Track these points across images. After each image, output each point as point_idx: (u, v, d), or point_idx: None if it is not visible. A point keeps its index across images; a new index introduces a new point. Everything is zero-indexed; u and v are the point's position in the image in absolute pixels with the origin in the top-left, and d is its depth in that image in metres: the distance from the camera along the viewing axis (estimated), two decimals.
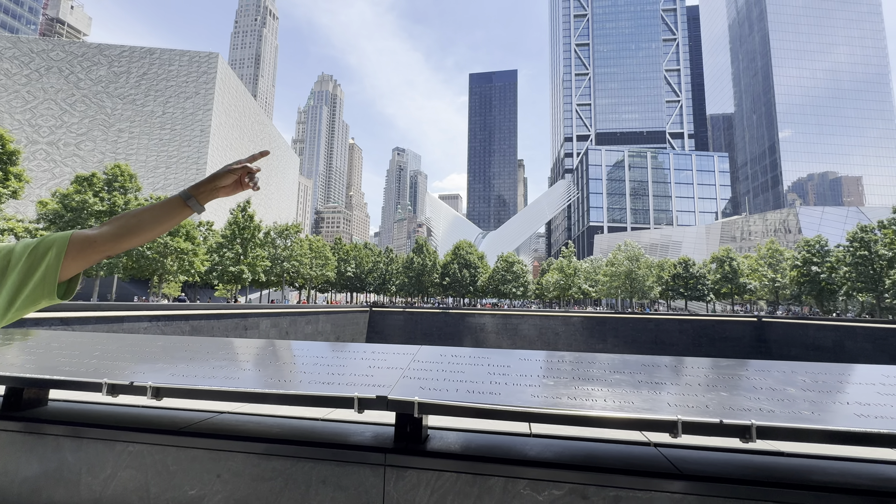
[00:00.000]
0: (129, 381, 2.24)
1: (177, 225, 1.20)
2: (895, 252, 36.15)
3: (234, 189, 1.26)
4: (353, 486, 2.07)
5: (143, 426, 2.39)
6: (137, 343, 3.21)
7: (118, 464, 2.29)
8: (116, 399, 2.85)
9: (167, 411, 2.83)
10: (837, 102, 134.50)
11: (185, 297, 42.82)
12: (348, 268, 60.54)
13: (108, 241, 1.05)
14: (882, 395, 2.10)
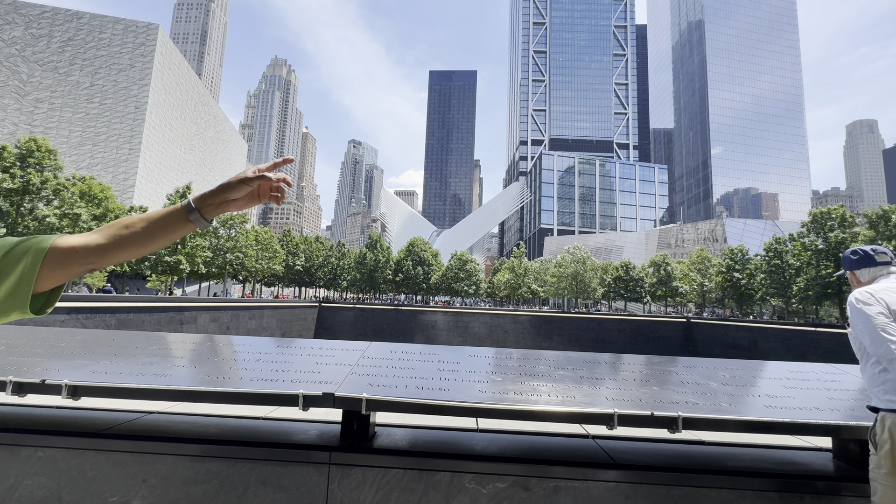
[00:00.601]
0: (40, 379, 2.01)
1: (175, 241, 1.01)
2: (802, 262, 40.68)
3: (249, 202, 1.07)
4: (294, 487, 2.00)
5: (56, 429, 2.16)
6: (52, 337, 2.89)
7: (24, 471, 2.05)
8: (24, 399, 2.55)
9: (86, 412, 2.58)
10: (760, 125, 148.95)
11: (111, 289, 39.15)
12: (297, 261, 58.32)
13: (94, 253, 0.92)
14: (786, 389, 2.35)
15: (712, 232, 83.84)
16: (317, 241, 65.25)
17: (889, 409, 1.73)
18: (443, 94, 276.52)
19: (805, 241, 40.40)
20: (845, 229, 38.16)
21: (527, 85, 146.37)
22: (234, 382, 2.11)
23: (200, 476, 2.02)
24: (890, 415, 1.73)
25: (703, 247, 65.74)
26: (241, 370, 2.36)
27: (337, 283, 62.69)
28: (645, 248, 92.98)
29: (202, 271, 40.56)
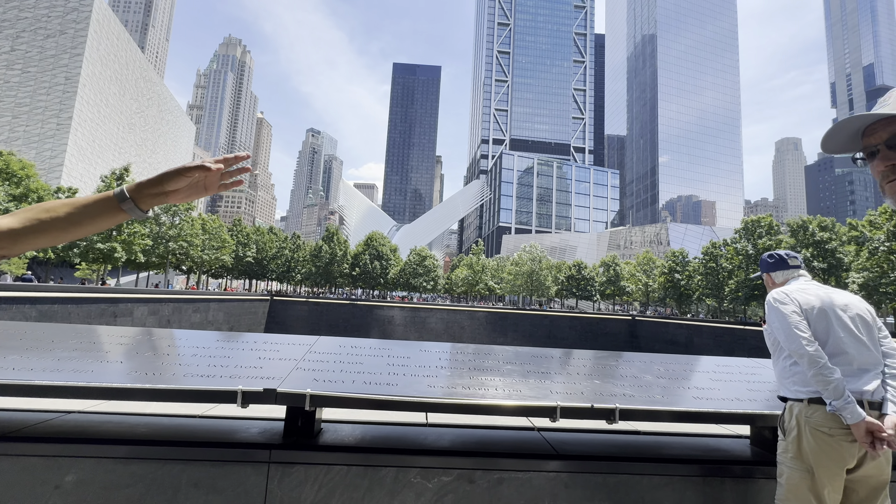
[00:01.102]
0: None
1: (105, 230, 0.90)
2: (734, 266, 44.29)
3: (193, 194, 0.99)
4: (230, 487, 1.91)
5: None
6: None
7: None
8: None
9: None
10: (703, 138, 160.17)
11: (32, 277, 35.48)
12: (248, 252, 55.68)
13: (6, 238, 0.83)
14: (712, 381, 2.54)
15: (657, 235, 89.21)
16: (270, 232, 62.63)
17: (797, 398, 1.89)
18: (406, 87, 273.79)
19: (737, 247, 43.98)
20: (771, 237, 41.94)
21: (490, 84, 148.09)
22: (165, 378, 1.97)
23: (123, 480, 1.87)
24: (797, 404, 1.89)
25: (649, 249, 69.84)
26: (174, 366, 2.21)
27: (291, 276, 60.58)
28: (596, 248, 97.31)
29: (140, 260, 37.76)
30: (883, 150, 0.85)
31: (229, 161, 1.01)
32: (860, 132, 0.89)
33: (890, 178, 0.85)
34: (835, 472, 1.80)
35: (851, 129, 0.88)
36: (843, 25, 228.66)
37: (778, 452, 1.95)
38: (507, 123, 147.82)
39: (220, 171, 1.00)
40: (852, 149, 0.91)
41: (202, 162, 0.98)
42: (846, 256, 36.51)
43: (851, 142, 0.89)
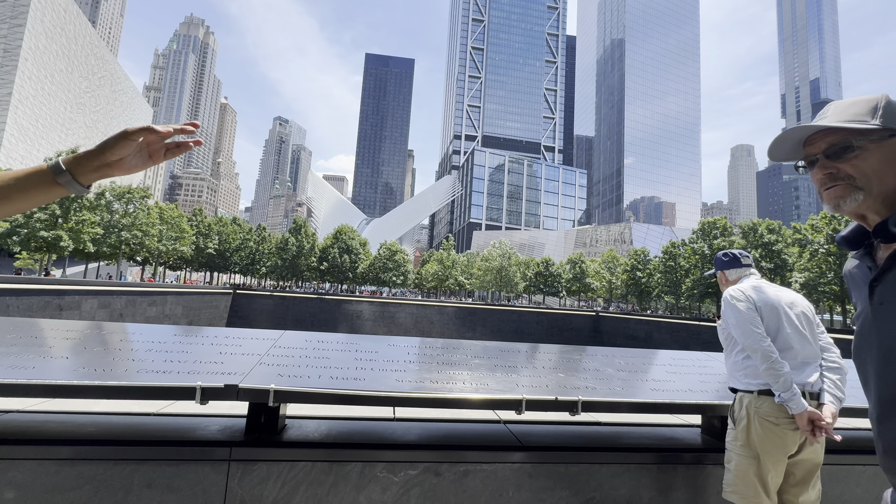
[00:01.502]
0: None
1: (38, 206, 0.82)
2: (691, 264, 46.61)
3: (138, 164, 0.90)
4: (187, 487, 1.83)
5: None
6: None
7: None
8: None
9: None
10: (665, 141, 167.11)
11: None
12: (210, 244, 53.35)
13: None
14: (669, 374, 2.67)
15: (621, 234, 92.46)
16: (234, 223, 60.24)
17: (748, 390, 2.02)
18: (379, 79, 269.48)
19: (694, 247, 46.25)
20: (725, 237, 44.38)
21: (463, 80, 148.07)
22: (117, 375, 1.87)
23: (69, 482, 1.76)
24: (747, 395, 2.02)
25: (613, 248, 72.30)
26: (127, 361, 2.10)
27: (255, 269, 58.60)
28: (564, 246, 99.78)
29: (90, 250, 35.44)
30: (821, 160, 0.92)
31: (179, 132, 0.94)
32: (802, 142, 0.95)
33: (827, 185, 0.91)
34: (778, 458, 1.94)
35: (795, 138, 0.94)
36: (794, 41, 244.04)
37: (727, 440, 2.07)
38: (479, 120, 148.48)
39: (167, 136, 0.91)
40: (795, 157, 0.98)
41: (149, 125, 0.89)
42: (790, 257, 39.16)
43: (795, 151, 0.96)
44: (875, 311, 0.87)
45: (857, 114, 0.88)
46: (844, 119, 0.88)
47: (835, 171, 0.90)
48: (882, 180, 0.86)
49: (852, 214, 0.92)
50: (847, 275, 1.02)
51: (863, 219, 0.92)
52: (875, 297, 0.87)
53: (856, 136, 0.87)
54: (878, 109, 0.86)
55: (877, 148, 0.86)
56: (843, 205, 0.90)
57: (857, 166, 0.87)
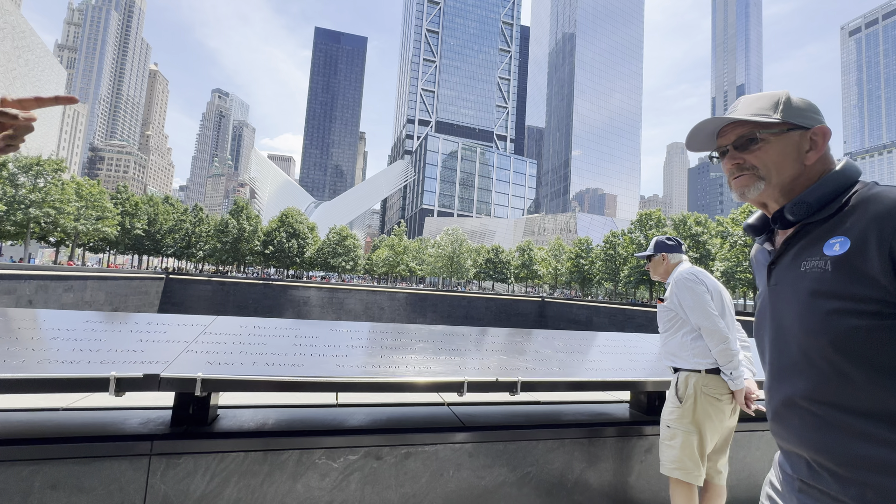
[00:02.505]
0: None
1: None
2: (629, 253, 49.82)
3: None
4: (100, 486, 1.68)
5: None
6: None
7: None
8: None
9: None
10: (609, 136, 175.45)
11: None
12: (137, 224, 48.89)
13: None
14: (603, 354, 2.83)
15: (567, 223, 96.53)
16: (166, 203, 55.56)
17: (695, 369, 2.10)
18: (329, 55, 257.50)
19: (632, 236, 49.36)
20: (659, 229, 47.74)
21: (418, 63, 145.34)
22: (11, 366, 1.65)
23: None
24: (694, 374, 2.10)
25: (559, 236, 75.36)
26: (26, 351, 1.86)
27: (191, 252, 54.66)
28: (513, 234, 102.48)
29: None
30: (731, 151, 0.98)
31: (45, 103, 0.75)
32: (715, 133, 1.02)
33: (735, 174, 0.98)
34: (718, 430, 2.09)
35: (708, 129, 1.00)
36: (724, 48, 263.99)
37: (669, 419, 2.14)
38: (433, 105, 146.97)
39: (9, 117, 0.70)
40: (710, 147, 1.05)
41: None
42: (713, 248, 43.01)
43: (709, 141, 1.03)
44: (771, 291, 0.94)
45: (761, 108, 0.94)
46: (751, 112, 0.94)
47: (741, 161, 0.96)
48: (780, 171, 0.92)
49: (756, 202, 0.98)
50: (752, 259, 1.10)
51: (764, 206, 0.99)
52: (771, 278, 0.95)
53: (759, 129, 0.93)
54: (780, 105, 0.93)
55: (777, 140, 0.92)
56: (747, 193, 0.96)
57: (760, 157, 0.93)
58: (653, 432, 2.51)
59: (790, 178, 0.93)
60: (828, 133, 0.92)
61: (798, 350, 0.85)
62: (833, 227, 0.84)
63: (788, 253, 0.91)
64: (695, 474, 2.03)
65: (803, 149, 0.92)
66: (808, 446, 0.84)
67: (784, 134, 0.92)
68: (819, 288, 0.82)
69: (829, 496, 0.80)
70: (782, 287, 0.91)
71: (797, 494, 0.88)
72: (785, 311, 0.89)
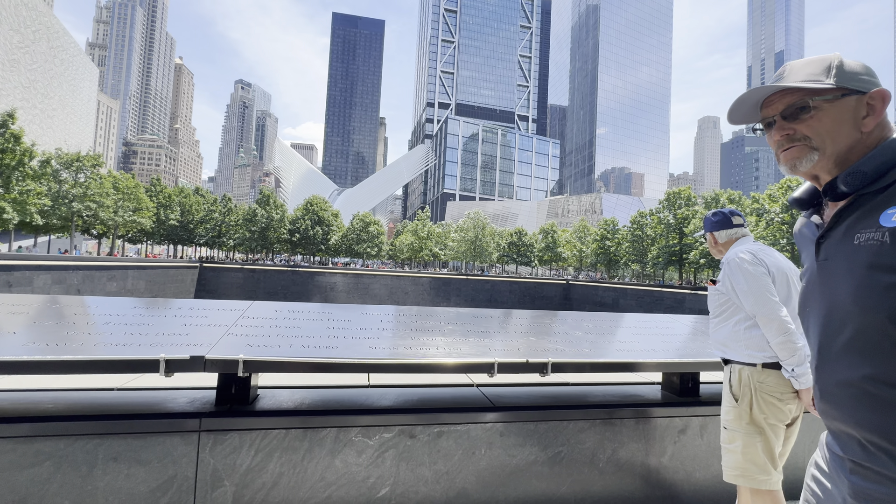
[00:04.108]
0: None
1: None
2: (656, 234, 48.38)
3: None
4: (156, 459, 1.81)
5: None
6: None
7: None
8: None
9: None
10: (636, 112, 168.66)
11: None
12: (171, 215, 50.88)
13: None
14: (633, 335, 2.79)
15: (592, 204, 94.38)
16: (197, 194, 57.47)
17: (749, 362, 1.85)
18: (347, 40, 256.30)
19: (660, 216, 47.85)
20: (689, 207, 46.06)
21: (436, 44, 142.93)
22: (72, 349, 1.77)
23: (27, 459, 1.70)
24: (748, 368, 1.85)
25: (584, 217, 73.87)
26: (83, 335, 1.99)
27: (222, 241, 56.59)
28: (536, 216, 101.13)
29: (38, 223, 33.14)
30: (778, 121, 0.92)
31: None
32: (759, 104, 0.95)
33: (784, 146, 0.92)
34: (781, 430, 1.85)
35: (752, 100, 0.94)
36: (762, 13, 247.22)
37: (726, 420, 1.92)
38: (453, 87, 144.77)
39: None
40: (753, 119, 0.98)
41: None
42: (748, 226, 41.22)
43: (752, 113, 0.97)
44: (820, 267, 0.89)
45: (812, 73, 0.88)
46: (800, 79, 0.88)
47: (791, 132, 0.90)
48: (835, 140, 0.86)
49: (807, 175, 0.93)
50: (796, 233, 1.03)
51: (815, 179, 0.93)
52: (821, 253, 0.90)
53: (811, 96, 0.87)
54: (832, 69, 0.86)
55: (831, 107, 0.86)
56: (799, 166, 0.91)
57: (813, 126, 0.88)
58: (686, 414, 2.49)
59: (846, 147, 0.86)
60: (887, 96, 0.85)
61: (853, 328, 0.81)
62: (891, 197, 0.79)
63: (840, 226, 0.85)
64: (761, 479, 1.79)
65: (860, 115, 0.85)
66: (863, 426, 0.80)
67: (839, 100, 0.85)
68: (877, 261, 0.77)
69: (885, 476, 0.77)
70: (834, 262, 0.86)
71: (848, 476, 0.84)
72: (837, 287, 0.84)
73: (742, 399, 1.85)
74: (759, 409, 1.82)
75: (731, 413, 1.88)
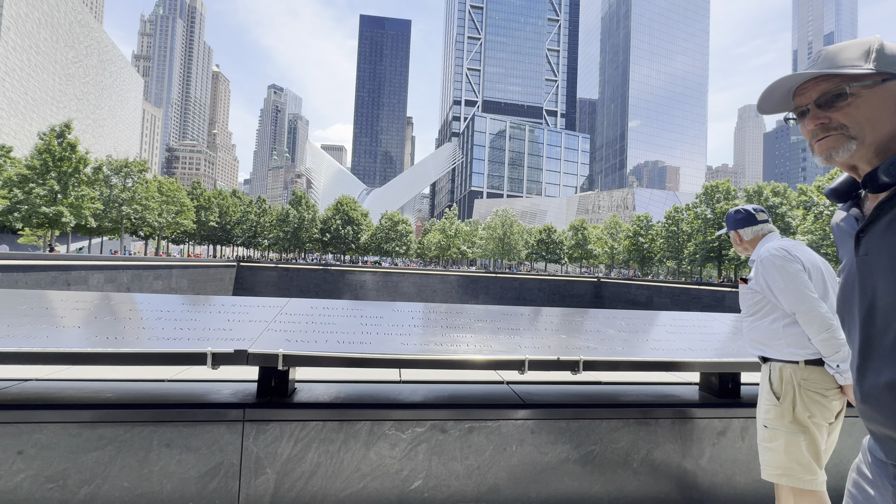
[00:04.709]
0: None
1: None
2: (693, 229, 46.44)
3: None
4: (205, 446, 1.92)
5: None
6: None
7: None
8: None
9: None
10: (671, 103, 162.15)
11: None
12: (211, 217, 53.29)
13: None
14: (669, 334, 2.71)
15: (624, 200, 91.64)
16: (233, 196, 59.91)
17: (790, 360, 1.81)
18: (374, 42, 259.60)
19: (697, 211, 45.91)
20: (728, 201, 43.93)
21: (462, 42, 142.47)
22: (129, 342, 1.91)
23: (91, 443, 1.85)
24: (789, 365, 1.81)
25: (616, 213, 71.85)
26: (138, 329, 2.14)
27: (257, 241, 58.76)
28: (566, 212, 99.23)
29: (92, 225, 35.49)
30: (812, 109, 0.87)
31: None
32: (791, 93, 0.90)
33: (819, 136, 0.87)
34: (825, 427, 1.81)
35: (784, 89, 0.89)
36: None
37: (767, 419, 1.88)
38: (479, 84, 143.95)
39: None
40: (785, 108, 0.93)
41: None
42: (794, 220, 38.91)
43: (784, 102, 0.91)
44: (860, 262, 0.84)
45: (849, 59, 0.82)
46: (836, 65, 0.83)
47: (827, 120, 0.85)
48: (875, 128, 0.81)
49: (844, 165, 0.88)
50: (834, 227, 0.98)
51: (853, 170, 0.88)
52: (861, 248, 0.84)
53: (849, 83, 0.82)
54: (871, 53, 0.81)
55: (870, 94, 0.81)
56: (835, 156, 0.86)
57: (850, 114, 0.82)
58: (726, 415, 2.40)
59: (887, 136, 0.81)
60: None
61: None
62: None
63: (882, 219, 0.79)
64: (807, 478, 1.75)
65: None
66: None
67: (879, 86, 0.80)
68: None
69: None
70: (875, 257, 0.80)
71: (892, 482, 0.80)
72: (879, 284, 0.79)
73: (784, 397, 1.82)
74: (804, 407, 1.79)
75: (773, 411, 1.85)
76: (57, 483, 1.82)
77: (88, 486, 1.83)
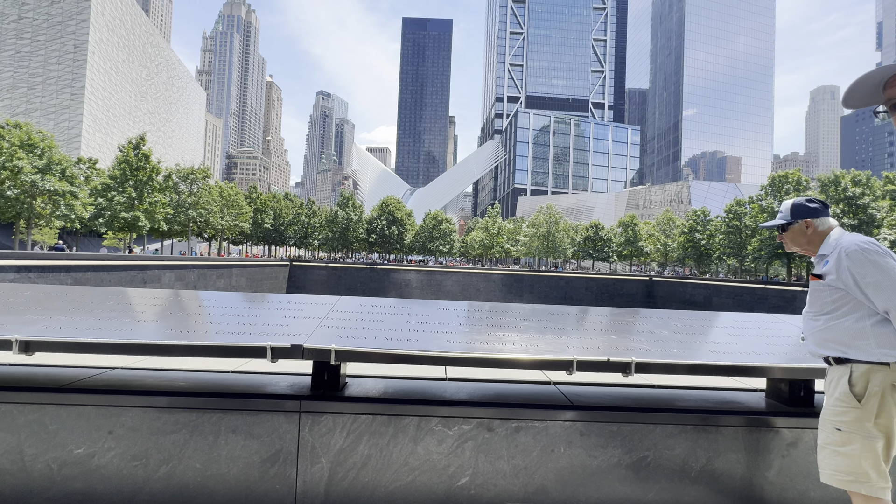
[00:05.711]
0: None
1: None
2: (757, 223, 42.92)
3: None
4: (266, 434, 2.06)
5: (10, 384, 2.10)
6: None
7: None
8: None
9: (44, 369, 2.52)
10: (731, 88, 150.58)
11: (63, 246, 36.95)
12: (266, 219, 56.54)
13: None
14: (731, 336, 2.54)
15: (678, 194, 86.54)
16: (286, 199, 63.14)
17: (880, 361, 1.69)
18: (417, 43, 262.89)
19: (762, 204, 42.41)
20: (799, 193, 40.19)
21: (504, 37, 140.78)
22: (199, 336, 2.09)
23: (168, 427, 2.03)
24: (878, 367, 1.70)
25: (669, 208, 68.02)
26: (206, 324, 2.33)
27: (308, 241, 61.56)
28: (614, 208, 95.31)
29: (163, 228, 38.80)
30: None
31: None
32: (881, 85, 0.86)
33: None
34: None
35: (873, 81, 0.85)
36: None
37: (842, 421, 1.75)
38: (522, 79, 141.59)
39: None
40: (873, 102, 0.89)
41: None
42: (878, 212, 34.93)
43: (872, 95, 0.88)
44: None
45: None
46: None
47: None
48: None
49: None
50: None
51: None
52: None
53: None
54: None
55: None
56: None
57: None
58: (798, 425, 2.21)
59: None
60: None
61: None
62: None
63: None
64: (881, 486, 1.66)
65: None
66: None
67: None
68: None
69: None
70: None
71: None
72: None
73: (868, 400, 1.69)
74: (889, 411, 1.68)
75: (851, 414, 1.72)
76: (140, 461, 2.02)
77: (167, 465, 2.02)
